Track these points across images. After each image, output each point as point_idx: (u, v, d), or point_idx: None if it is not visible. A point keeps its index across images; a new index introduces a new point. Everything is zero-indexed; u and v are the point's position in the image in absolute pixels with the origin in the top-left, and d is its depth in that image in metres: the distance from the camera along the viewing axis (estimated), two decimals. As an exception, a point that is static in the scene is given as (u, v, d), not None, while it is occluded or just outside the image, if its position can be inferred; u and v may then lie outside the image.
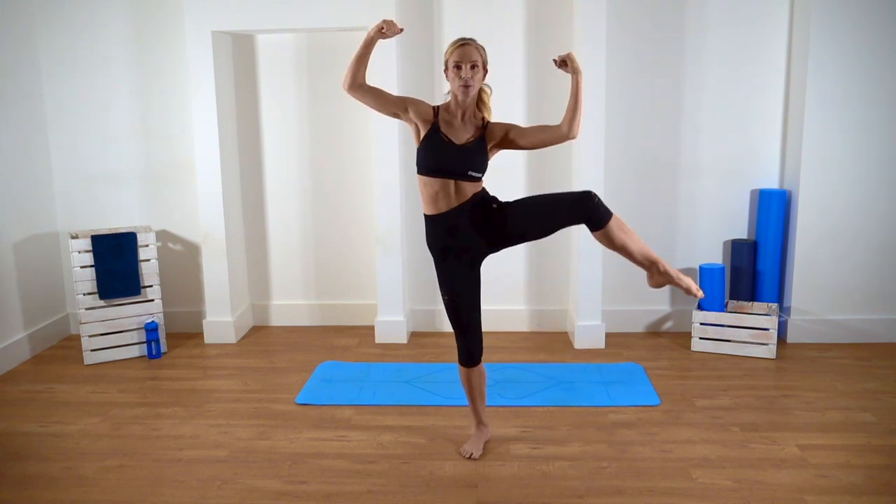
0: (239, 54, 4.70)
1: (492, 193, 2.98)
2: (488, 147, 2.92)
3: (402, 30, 2.91)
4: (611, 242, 2.87)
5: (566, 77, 2.96)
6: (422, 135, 2.92)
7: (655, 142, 4.55)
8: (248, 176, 4.84)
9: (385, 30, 2.85)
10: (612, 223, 2.84)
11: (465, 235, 2.93)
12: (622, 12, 4.39)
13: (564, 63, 2.83)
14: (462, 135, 2.90)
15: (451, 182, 2.88)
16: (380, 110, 3.00)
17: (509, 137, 2.92)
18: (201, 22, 4.36)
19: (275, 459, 3.16)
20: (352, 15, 4.33)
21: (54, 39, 4.61)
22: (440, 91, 4.56)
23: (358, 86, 2.88)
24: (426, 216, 2.98)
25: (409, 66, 4.54)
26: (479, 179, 2.91)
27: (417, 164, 2.94)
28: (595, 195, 2.83)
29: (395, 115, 2.99)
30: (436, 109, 2.95)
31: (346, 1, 4.32)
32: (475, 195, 2.92)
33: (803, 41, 4.27)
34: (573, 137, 2.87)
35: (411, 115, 2.95)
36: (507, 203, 2.94)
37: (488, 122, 2.95)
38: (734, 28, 4.41)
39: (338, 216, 4.86)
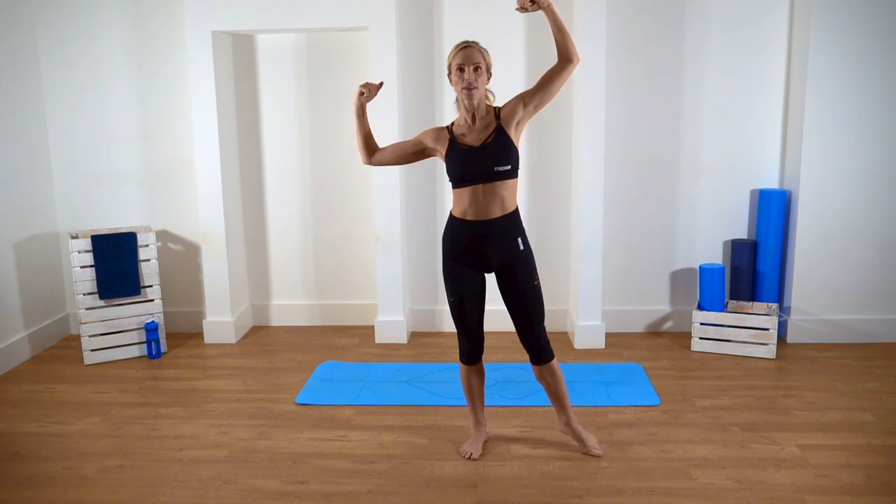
0: (239, 54, 4.70)
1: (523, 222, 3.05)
2: (511, 131, 2.91)
3: (381, 83, 3.01)
4: (542, 379, 3.10)
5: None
6: (444, 153, 2.96)
7: (655, 142, 4.55)
8: (248, 176, 4.84)
9: (365, 94, 2.95)
10: (553, 364, 3.06)
11: (483, 250, 2.95)
12: (622, 12, 4.39)
13: (532, 2, 2.72)
14: (479, 137, 2.91)
15: (480, 188, 2.88)
16: (405, 162, 3.10)
17: (527, 106, 2.92)
18: (201, 22, 4.36)
19: (275, 459, 3.16)
20: (352, 15, 4.34)
21: (54, 39, 4.61)
22: (440, 92, 4.56)
23: (374, 154, 3.07)
24: (453, 216, 2.99)
25: (410, 67, 4.54)
26: (510, 175, 2.89)
27: (450, 180, 2.97)
28: (550, 358, 3.04)
29: (422, 156, 3.04)
30: (449, 127, 2.99)
31: (346, 1, 4.32)
32: (507, 216, 2.92)
33: (803, 41, 4.27)
34: (578, 61, 2.85)
35: (430, 144, 2.99)
36: (527, 254, 2.98)
37: (499, 109, 2.95)
38: (734, 28, 4.41)
39: (338, 216, 4.86)
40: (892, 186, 4.34)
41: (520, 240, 2.97)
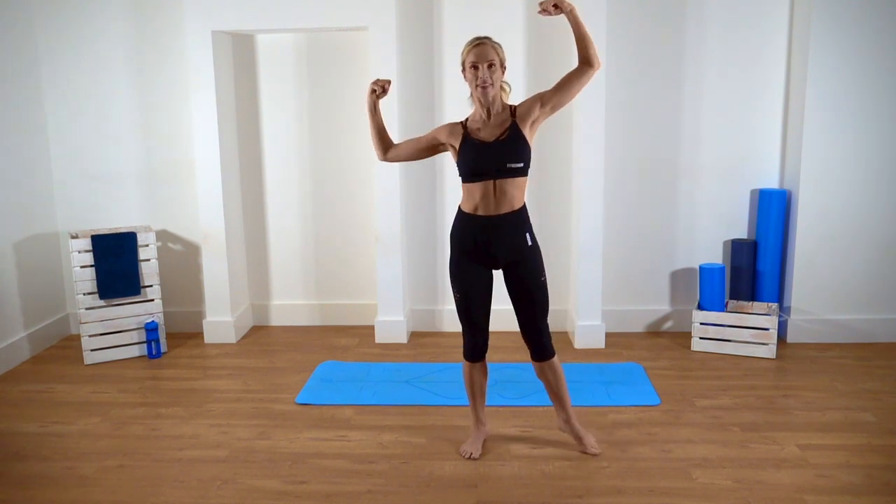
0: (239, 54, 4.70)
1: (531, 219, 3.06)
2: (526, 130, 2.91)
3: (389, 81, 3.02)
4: (543, 376, 3.11)
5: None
6: (457, 148, 2.95)
7: (655, 142, 4.55)
8: (248, 176, 4.84)
9: (378, 91, 2.97)
10: (553, 362, 3.08)
11: (491, 246, 2.94)
12: (622, 12, 4.39)
13: (556, 6, 2.74)
14: (493, 133, 2.91)
15: (492, 184, 2.88)
16: (418, 158, 3.11)
17: (544, 106, 2.93)
18: (201, 22, 4.36)
19: (275, 459, 3.16)
20: (352, 15, 4.34)
21: (54, 39, 4.61)
22: (440, 92, 4.56)
23: (389, 150, 3.08)
24: (462, 211, 3.00)
25: (410, 67, 4.54)
26: (522, 172, 2.90)
27: (460, 174, 2.97)
28: (551, 355, 3.06)
29: (435, 151, 3.06)
30: (464, 122, 2.99)
31: (346, 1, 4.32)
32: (515, 212, 2.93)
33: (803, 41, 4.27)
34: (599, 66, 2.87)
35: (444, 139, 2.99)
36: (535, 249, 2.99)
37: (515, 107, 2.96)
38: (734, 28, 4.41)
39: (338, 216, 4.86)
40: (892, 186, 4.34)
41: (528, 235, 2.99)
